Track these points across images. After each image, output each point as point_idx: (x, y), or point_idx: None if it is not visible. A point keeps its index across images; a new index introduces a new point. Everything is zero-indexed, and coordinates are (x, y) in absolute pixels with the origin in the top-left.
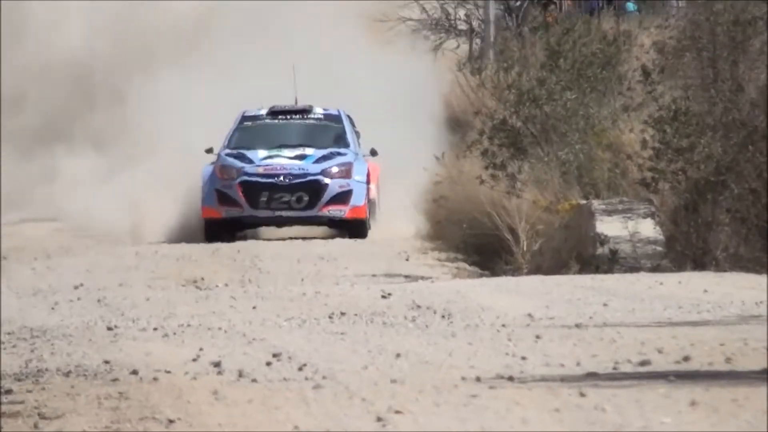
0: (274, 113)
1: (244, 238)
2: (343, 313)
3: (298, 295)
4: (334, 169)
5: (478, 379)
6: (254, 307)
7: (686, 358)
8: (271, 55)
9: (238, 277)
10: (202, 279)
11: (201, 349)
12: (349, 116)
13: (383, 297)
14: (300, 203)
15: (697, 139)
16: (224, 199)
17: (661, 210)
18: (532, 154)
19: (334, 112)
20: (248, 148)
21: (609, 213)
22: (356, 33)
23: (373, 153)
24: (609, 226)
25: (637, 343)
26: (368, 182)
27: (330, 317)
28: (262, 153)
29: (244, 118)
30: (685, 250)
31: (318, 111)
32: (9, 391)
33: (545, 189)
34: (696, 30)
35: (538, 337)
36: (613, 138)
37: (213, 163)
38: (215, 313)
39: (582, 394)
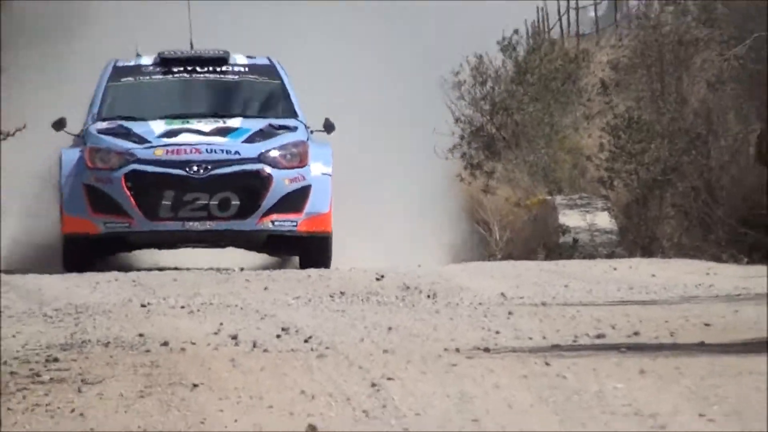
0: (167, 62)
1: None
2: (342, 293)
3: (304, 277)
4: (279, 153)
5: (457, 350)
6: (266, 288)
7: (636, 333)
8: None
9: None
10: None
11: (221, 324)
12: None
13: (377, 279)
14: (225, 210)
15: (647, 144)
16: (100, 203)
17: (615, 204)
18: (505, 157)
19: (264, 62)
20: (134, 119)
21: (570, 207)
22: None
23: (329, 127)
24: (570, 219)
25: (594, 320)
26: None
27: (331, 296)
28: (158, 126)
29: (118, 71)
30: (636, 239)
31: (239, 59)
32: (56, 360)
33: (516, 187)
34: (646, 49)
35: (510, 313)
36: (575, 142)
37: (77, 144)
38: (233, 294)
39: (547, 363)
